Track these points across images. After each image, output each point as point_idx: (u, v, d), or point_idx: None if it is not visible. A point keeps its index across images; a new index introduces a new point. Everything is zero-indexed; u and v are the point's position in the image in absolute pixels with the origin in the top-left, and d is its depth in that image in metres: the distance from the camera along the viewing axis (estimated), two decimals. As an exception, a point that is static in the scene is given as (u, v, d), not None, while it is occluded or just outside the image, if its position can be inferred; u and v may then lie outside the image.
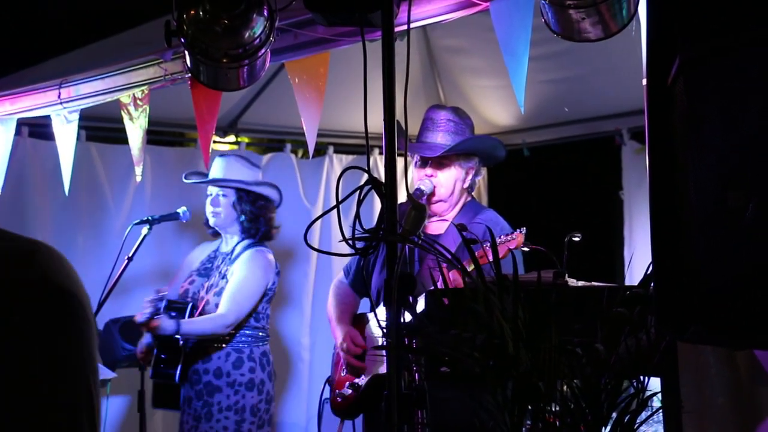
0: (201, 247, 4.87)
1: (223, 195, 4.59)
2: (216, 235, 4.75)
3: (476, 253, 3.20)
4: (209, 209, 4.62)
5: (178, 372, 4.43)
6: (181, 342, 4.43)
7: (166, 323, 4.30)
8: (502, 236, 3.33)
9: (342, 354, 3.75)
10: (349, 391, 3.72)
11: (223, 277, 4.50)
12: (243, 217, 4.58)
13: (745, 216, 1.47)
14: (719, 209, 1.52)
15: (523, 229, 3.29)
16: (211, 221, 4.63)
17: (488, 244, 2.30)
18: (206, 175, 4.68)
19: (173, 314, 4.39)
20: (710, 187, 1.53)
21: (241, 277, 4.47)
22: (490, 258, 2.18)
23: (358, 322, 3.83)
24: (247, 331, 4.52)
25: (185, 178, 4.73)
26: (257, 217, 4.60)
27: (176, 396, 4.52)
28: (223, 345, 4.47)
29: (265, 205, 4.65)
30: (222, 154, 4.69)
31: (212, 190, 4.64)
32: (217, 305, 4.42)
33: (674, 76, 1.63)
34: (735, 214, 1.49)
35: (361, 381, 3.68)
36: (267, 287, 4.55)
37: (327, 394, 3.89)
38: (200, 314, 4.44)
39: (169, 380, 4.44)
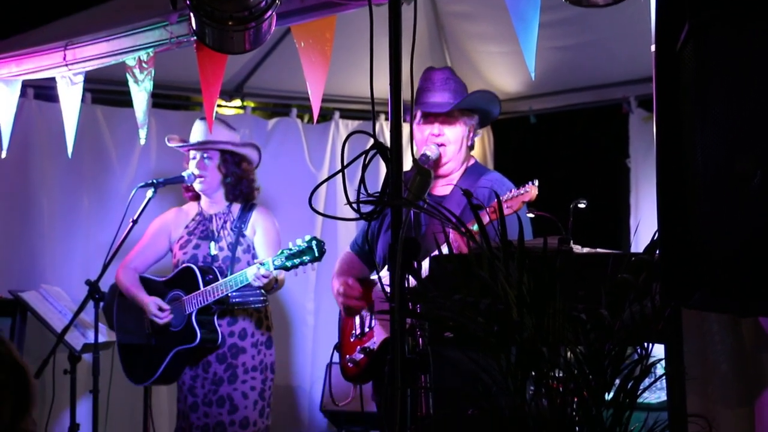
0: (173, 211, 4.79)
1: (208, 158, 4.56)
2: (195, 198, 4.71)
3: (487, 209, 3.18)
4: (195, 173, 4.59)
5: (219, 336, 4.42)
6: (215, 308, 4.42)
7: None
8: (513, 190, 3.29)
9: (340, 299, 3.71)
10: (361, 356, 3.69)
11: (243, 235, 4.53)
12: (229, 179, 4.56)
13: (753, 182, 1.46)
14: (726, 175, 1.51)
15: (536, 181, 3.24)
16: (197, 186, 4.60)
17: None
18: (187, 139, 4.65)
19: (210, 278, 4.41)
20: (717, 153, 1.53)
21: (269, 229, 4.58)
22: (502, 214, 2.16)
23: (366, 286, 3.82)
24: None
25: (168, 142, 4.70)
26: (240, 179, 4.59)
27: (179, 371, 4.52)
28: (249, 306, 4.50)
29: (248, 167, 4.64)
30: (202, 118, 4.63)
31: (195, 153, 4.60)
32: (249, 263, 4.45)
33: (683, 41, 1.61)
34: (741, 181, 1.49)
35: (373, 345, 3.66)
36: None
37: (335, 359, 3.86)
38: None
39: (213, 345, 4.41)
